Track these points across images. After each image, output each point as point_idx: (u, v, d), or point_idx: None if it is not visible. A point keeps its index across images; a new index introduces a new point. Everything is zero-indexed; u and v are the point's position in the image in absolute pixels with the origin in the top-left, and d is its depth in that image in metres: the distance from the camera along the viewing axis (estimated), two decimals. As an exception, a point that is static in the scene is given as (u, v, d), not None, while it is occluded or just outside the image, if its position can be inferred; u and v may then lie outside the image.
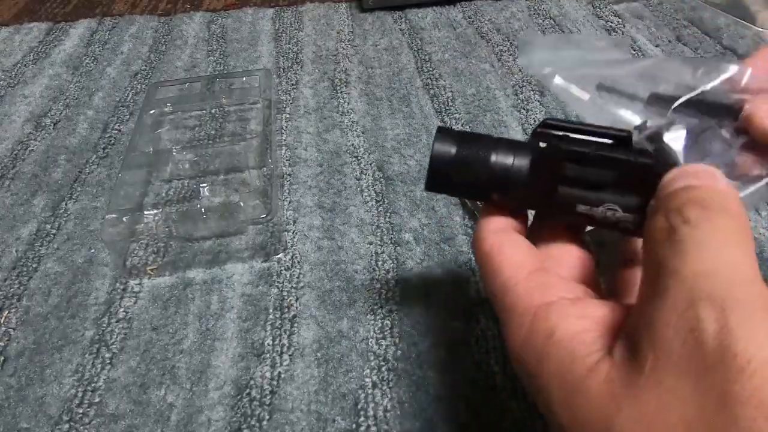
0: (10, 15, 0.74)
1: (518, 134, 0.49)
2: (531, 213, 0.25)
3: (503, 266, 0.21)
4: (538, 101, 0.53)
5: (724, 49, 0.60)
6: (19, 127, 0.53)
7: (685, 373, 0.15)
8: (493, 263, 0.22)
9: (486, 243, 0.22)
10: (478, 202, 0.39)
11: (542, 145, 0.22)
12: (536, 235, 0.24)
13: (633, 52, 0.60)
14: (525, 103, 0.53)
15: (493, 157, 0.22)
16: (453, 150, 0.22)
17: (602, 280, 0.23)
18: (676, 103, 0.22)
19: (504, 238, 0.22)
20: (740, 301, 0.15)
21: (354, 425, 0.31)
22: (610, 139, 0.21)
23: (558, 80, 0.25)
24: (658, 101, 0.22)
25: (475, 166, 0.22)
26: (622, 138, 0.21)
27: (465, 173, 0.22)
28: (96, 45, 0.65)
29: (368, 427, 0.30)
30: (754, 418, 0.13)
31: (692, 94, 0.22)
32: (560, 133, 0.22)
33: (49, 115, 0.55)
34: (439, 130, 0.23)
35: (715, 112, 0.21)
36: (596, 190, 0.21)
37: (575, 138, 0.22)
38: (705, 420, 0.14)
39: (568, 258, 0.23)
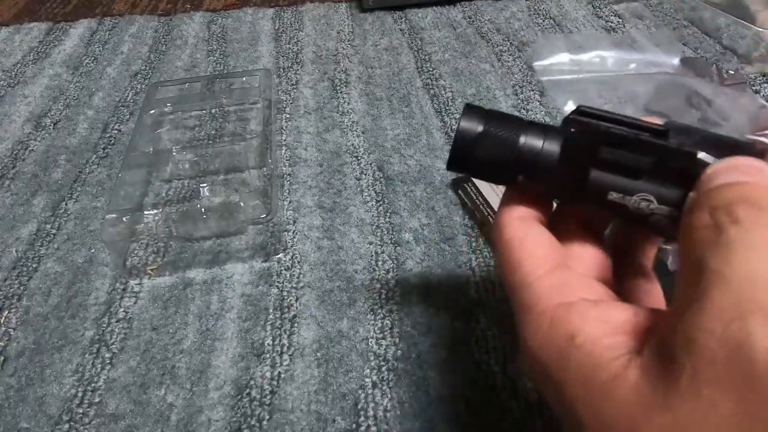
0: (10, 15, 0.73)
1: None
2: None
3: (523, 259, 0.20)
4: (538, 101, 0.53)
5: (724, 49, 0.60)
6: (19, 127, 0.53)
7: (729, 390, 0.13)
8: (513, 255, 0.21)
9: (507, 231, 0.21)
10: (489, 202, 0.39)
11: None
12: (557, 230, 0.22)
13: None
14: (525, 103, 0.53)
15: (522, 139, 0.21)
16: (480, 128, 0.21)
17: None
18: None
19: (527, 228, 0.21)
20: None
21: (354, 425, 0.31)
22: (646, 131, 0.20)
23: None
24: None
25: (502, 146, 0.21)
26: (659, 132, 0.20)
27: (491, 153, 0.21)
28: (96, 45, 0.65)
29: (368, 427, 0.31)
30: None
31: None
32: (594, 121, 0.21)
33: (49, 115, 0.55)
34: (467, 106, 0.22)
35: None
36: (631, 177, 0.19)
37: (610, 125, 0.20)
38: None
39: (588, 257, 0.22)
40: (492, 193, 0.42)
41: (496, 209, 0.40)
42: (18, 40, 0.67)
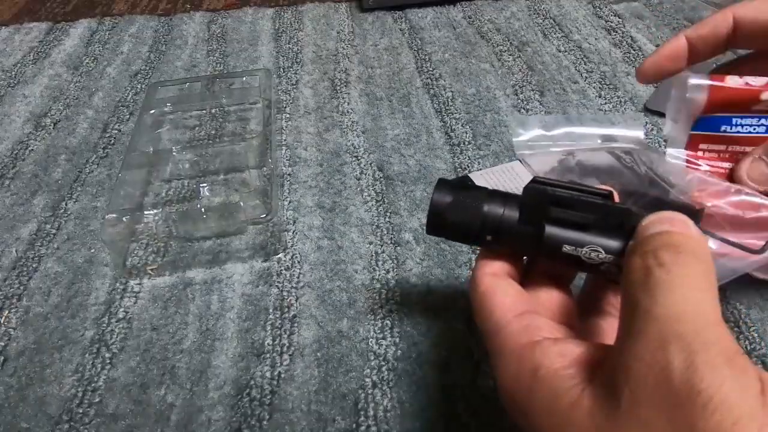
0: (10, 15, 0.74)
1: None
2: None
3: (495, 308, 0.23)
4: (538, 101, 0.53)
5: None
6: (19, 127, 0.53)
7: (657, 407, 0.16)
8: (486, 305, 0.24)
9: (482, 285, 0.24)
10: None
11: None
12: (528, 279, 0.26)
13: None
14: (525, 103, 0.53)
15: (486, 207, 0.25)
16: (449, 199, 0.25)
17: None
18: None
19: (497, 282, 0.24)
20: (705, 343, 0.16)
21: (354, 425, 0.31)
22: (593, 195, 0.24)
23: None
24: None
25: (469, 213, 0.25)
26: (603, 194, 0.23)
27: (460, 219, 0.25)
28: (96, 45, 0.65)
29: (368, 427, 0.31)
30: None
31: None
32: (545, 187, 0.24)
33: (49, 115, 0.55)
34: (439, 181, 0.26)
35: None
36: (580, 231, 0.23)
37: (561, 190, 0.24)
38: None
39: (553, 303, 0.25)
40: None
41: None
42: (18, 40, 0.67)
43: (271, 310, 0.37)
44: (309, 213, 0.43)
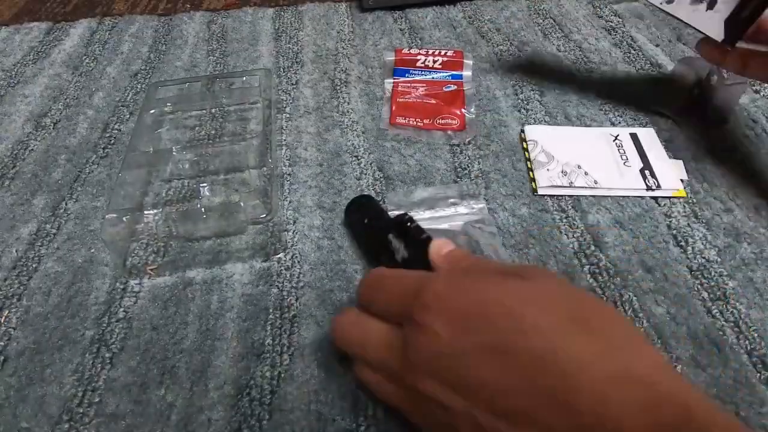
0: (10, 15, 0.74)
1: (518, 134, 0.49)
2: None
3: (404, 276, 0.31)
4: (538, 101, 0.53)
5: (724, 49, 0.59)
6: (19, 127, 0.53)
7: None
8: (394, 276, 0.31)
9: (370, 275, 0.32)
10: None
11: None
12: None
13: (633, 51, 0.59)
14: (525, 103, 0.53)
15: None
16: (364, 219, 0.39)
17: None
18: None
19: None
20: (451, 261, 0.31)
21: (354, 425, 0.31)
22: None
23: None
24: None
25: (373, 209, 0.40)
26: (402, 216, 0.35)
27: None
28: (96, 45, 0.65)
29: (368, 427, 0.31)
30: None
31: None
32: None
33: (49, 115, 0.55)
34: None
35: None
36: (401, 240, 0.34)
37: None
38: None
39: None
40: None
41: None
42: (18, 40, 0.67)
43: (271, 310, 0.37)
44: (309, 213, 0.43)
